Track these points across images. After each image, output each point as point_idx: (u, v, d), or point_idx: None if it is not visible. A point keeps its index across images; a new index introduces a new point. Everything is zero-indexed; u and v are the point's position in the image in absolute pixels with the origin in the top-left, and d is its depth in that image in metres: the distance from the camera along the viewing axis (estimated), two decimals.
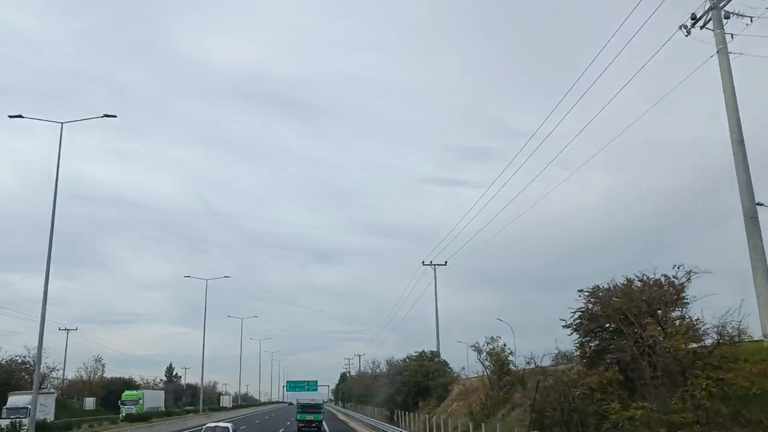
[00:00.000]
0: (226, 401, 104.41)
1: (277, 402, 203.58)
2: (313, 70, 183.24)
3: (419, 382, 47.33)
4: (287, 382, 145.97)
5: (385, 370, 75.04)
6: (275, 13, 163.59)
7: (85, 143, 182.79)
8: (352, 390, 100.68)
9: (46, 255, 29.34)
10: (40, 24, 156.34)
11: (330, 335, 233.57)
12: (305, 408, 50.24)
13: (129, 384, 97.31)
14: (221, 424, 38.06)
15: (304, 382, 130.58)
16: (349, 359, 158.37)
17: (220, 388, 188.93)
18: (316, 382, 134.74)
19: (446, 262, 59.49)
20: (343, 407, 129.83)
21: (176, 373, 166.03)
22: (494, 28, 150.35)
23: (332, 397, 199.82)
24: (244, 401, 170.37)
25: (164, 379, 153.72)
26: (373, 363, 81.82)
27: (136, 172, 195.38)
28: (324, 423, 53.96)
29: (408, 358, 52.97)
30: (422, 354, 51.81)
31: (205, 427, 35.09)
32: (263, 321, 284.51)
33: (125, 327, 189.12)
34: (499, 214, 45.82)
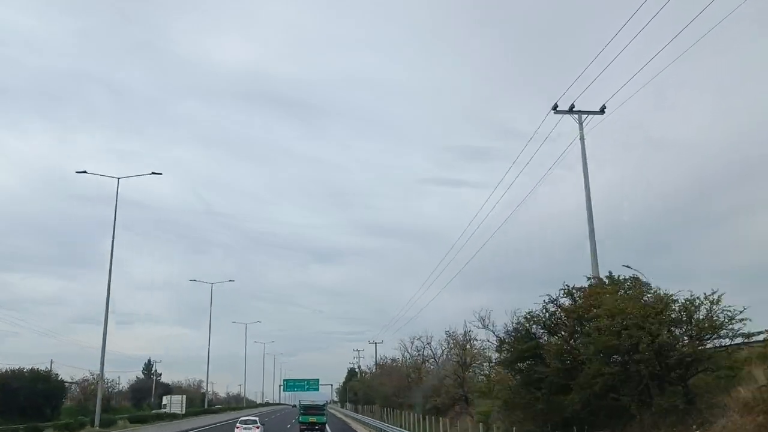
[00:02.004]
0: (175, 405, 64.98)
1: (272, 404, 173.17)
2: (313, 70, 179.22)
3: (669, 345, 14.21)
4: (284, 380, 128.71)
5: (442, 350, 42.36)
6: (275, 13, 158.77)
7: (85, 143, 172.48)
8: (374, 389, 67.64)
9: None
10: (40, 24, 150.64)
11: (330, 335, 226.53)
12: (308, 410, 48.30)
13: (45, 378, 64.47)
14: (251, 417, 46.82)
15: (303, 380, 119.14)
16: (358, 351, 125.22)
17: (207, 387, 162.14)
18: (318, 381, 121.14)
19: (603, 107, 27.14)
20: (354, 411, 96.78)
21: (155, 370, 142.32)
22: (494, 28, 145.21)
23: (336, 398, 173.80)
24: (236, 403, 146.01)
25: (141, 377, 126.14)
26: (415, 341, 48.90)
27: (137, 172, 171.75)
28: (327, 426, 50.91)
29: (570, 290, 19.56)
30: (615, 279, 18.79)
31: (239, 420, 44.89)
32: (263, 321, 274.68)
33: (125, 327, 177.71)
34: (499, 215, 29.41)
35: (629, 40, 18.80)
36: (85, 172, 42.73)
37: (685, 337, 15.29)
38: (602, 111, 27.42)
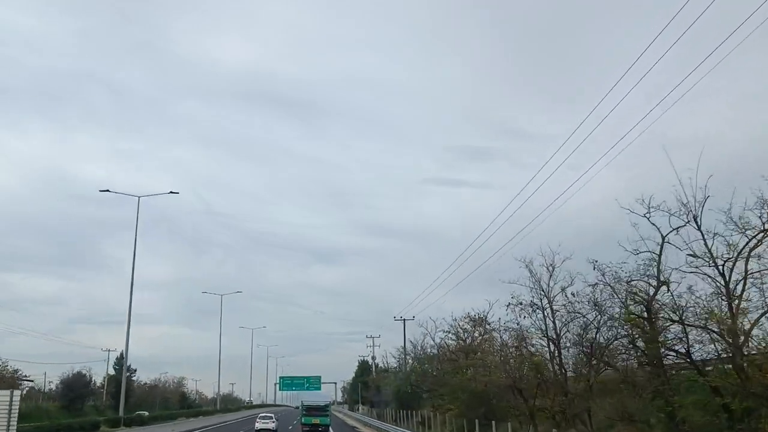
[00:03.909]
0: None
1: (259, 406, 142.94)
2: (313, 70, 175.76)
3: None
4: (280, 378, 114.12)
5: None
6: (275, 13, 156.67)
7: (85, 143, 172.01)
8: (443, 383, 36.41)
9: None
10: (39, 24, 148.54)
11: (330, 336, 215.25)
12: (310, 410, 44.92)
13: None
14: (268, 414, 52.27)
15: (302, 378, 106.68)
16: (373, 338, 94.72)
17: (190, 385, 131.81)
18: (319, 378, 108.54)
19: None
20: (376, 417, 65.67)
21: (129, 365, 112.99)
22: (495, 28, 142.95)
23: (342, 399, 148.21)
24: (225, 404, 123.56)
25: (112, 373, 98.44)
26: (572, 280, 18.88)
27: (136, 172, 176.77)
28: (330, 429, 46.54)
29: None
30: None
31: (258, 416, 51.69)
32: (263, 322, 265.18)
33: (125, 327, 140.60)
34: (511, 215, 28.54)
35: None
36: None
37: None
38: None
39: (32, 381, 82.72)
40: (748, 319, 13.74)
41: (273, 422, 48.75)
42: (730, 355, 13.30)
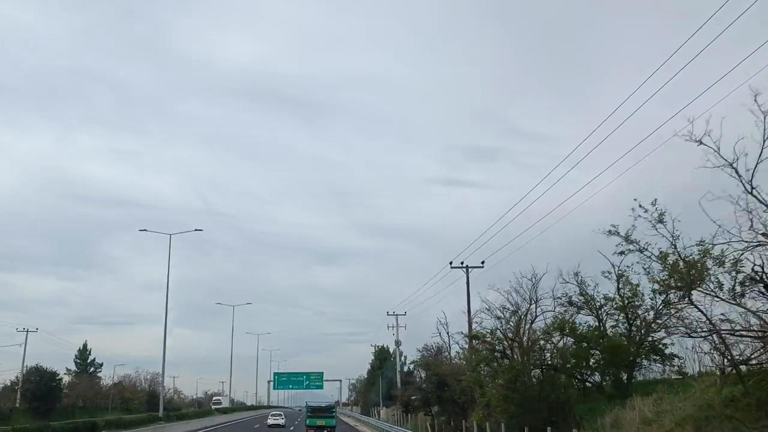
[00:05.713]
0: None
1: (253, 407, 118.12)
2: (317, 69, 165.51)
3: None
4: (274, 374, 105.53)
5: None
6: (279, 12, 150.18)
7: (86, 143, 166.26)
8: None
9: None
10: (40, 21, 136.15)
11: (332, 337, 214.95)
12: (315, 412, 44.29)
13: None
14: (277, 412, 61.57)
15: (301, 374, 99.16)
16: (397, 316, 66.89)
17: (169, 383, 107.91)
18: (321, 375, 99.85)
19: None
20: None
21: (94, 359, 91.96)
22: (501, 28, 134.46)
23: (347, 399, 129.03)
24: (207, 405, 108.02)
25: (73, 369, 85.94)
26: None
27: (138, 172, 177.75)
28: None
29: None
30: None
31: (270, 413, 59.55)
32: (264, 322, 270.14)
33: (126, 328, 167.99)
34: (519, 214, 31.10)
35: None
36: None
37: None
38: None
39: None
40: None
41: (282, 418, 57.82)
42: None
